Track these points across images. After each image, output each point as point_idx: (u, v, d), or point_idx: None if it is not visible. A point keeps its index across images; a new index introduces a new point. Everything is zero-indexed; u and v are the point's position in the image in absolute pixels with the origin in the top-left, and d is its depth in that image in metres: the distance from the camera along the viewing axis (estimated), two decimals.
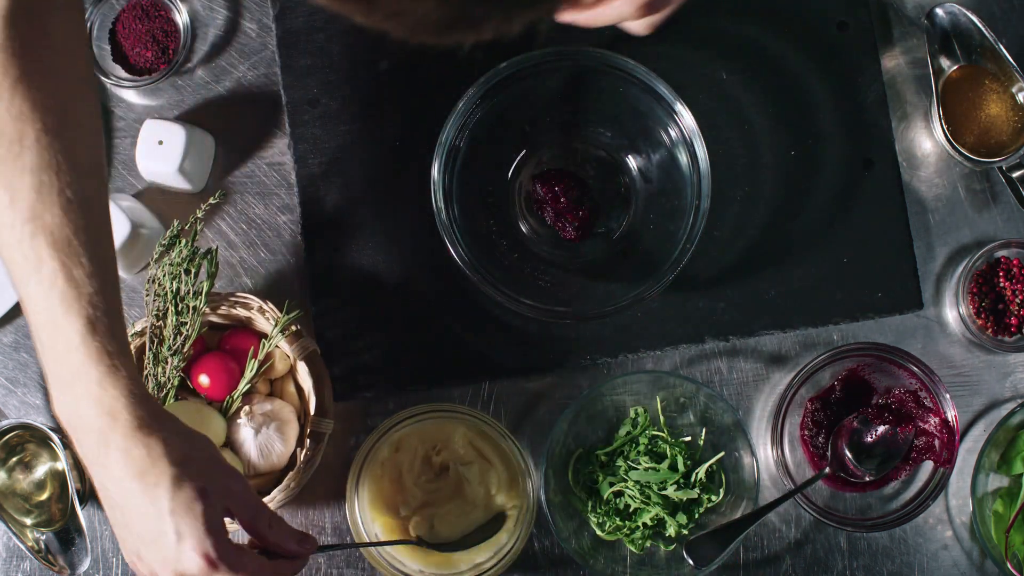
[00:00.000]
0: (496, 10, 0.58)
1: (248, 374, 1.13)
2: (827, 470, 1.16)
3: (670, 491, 1.16)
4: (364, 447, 1.14)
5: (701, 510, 1.17)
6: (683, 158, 1.15)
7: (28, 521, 1.18)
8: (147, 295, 1.14)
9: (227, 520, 0.90)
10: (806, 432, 1.19)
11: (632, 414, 1.19)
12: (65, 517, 1.16)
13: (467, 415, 1.15)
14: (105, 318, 0.87)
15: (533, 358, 1.21)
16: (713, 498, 1.17)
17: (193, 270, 1.13)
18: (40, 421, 1.20)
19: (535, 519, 1.15)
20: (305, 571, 1.19)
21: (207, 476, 0.87)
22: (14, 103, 0.87)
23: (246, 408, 1.14)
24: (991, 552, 1.16)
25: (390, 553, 1.15)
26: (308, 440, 1.12)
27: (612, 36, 1.20)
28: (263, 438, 1.14)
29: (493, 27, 0.59)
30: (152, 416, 0.87)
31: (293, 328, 1.14)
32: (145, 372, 1.14)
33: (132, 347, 1.14)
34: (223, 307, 1.14)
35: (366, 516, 1.15)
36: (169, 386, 1.14)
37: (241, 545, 0.91)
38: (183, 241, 1.14)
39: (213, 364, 1.14)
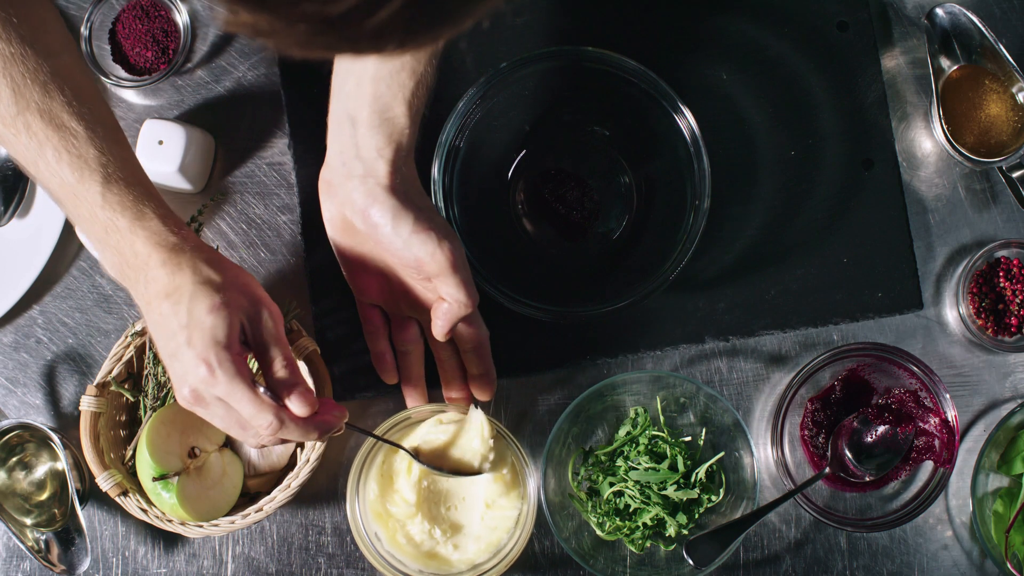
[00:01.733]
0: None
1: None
2: (827, 470, 1.16)
3: (670, 491, 1.16)
4: (362, 451, 1.14)
5: (701, 510, 1.17)
6: (683, 158, 1.15)
7: (28, 521, 1.18)
8: None
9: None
10: (806, 432, 1.19)
11: (632, 414, 1.19)
12: (65, 517, 1.16)
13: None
14: (118, 172, 0.94)
15: (533, 358, 1.21)
16: (713, 498, 1.17)
17: None
18: (40, 421, 1.20)
19: (535, 520, 1.15)
20: (305, 571, 1.20)
21: (228, 294, 0.93)
22: None
23: None
24: (991, 552, 1.16)
25: (391, 554, 1.15)
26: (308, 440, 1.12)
27: (612, 36, 1.20)
28: None
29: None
30: (180, 247, 0.94)
31: (293, 328, 1.13)
32: (145, 372, 1.14)
33: (132, 347, 1.14)
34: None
35: (367, 518, 1.15)
36: (169, 386, 1.14)
37: (248, 369, 0.93)
38: None
39: None
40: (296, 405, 0.95)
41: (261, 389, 0.94)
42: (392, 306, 1.14)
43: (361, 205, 1.03)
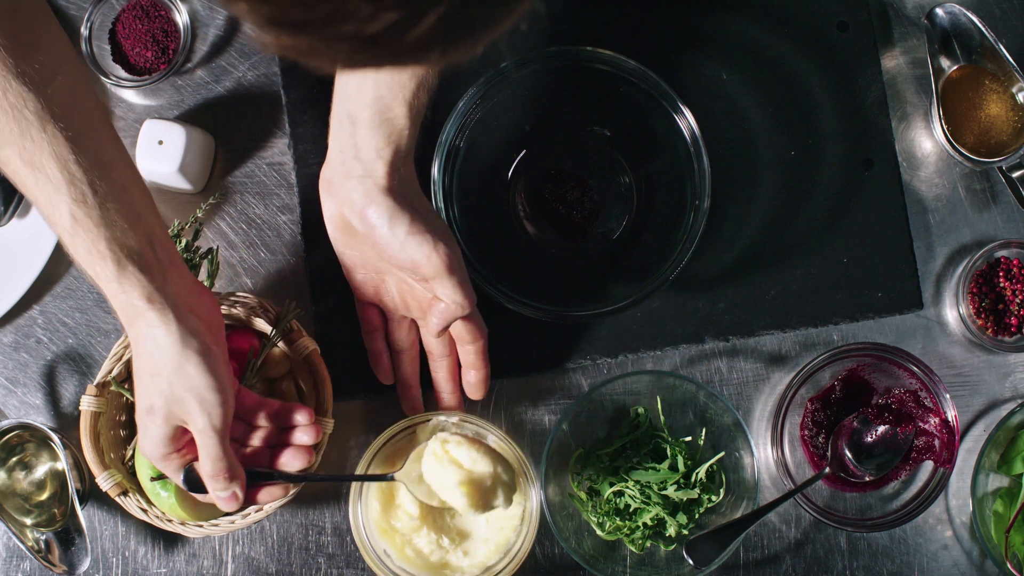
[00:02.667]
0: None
1: (248, 374, 1.13)
2: (827, 470, 1.16)
3: (670, 491, 1.16)
4: (362, 464, 1.14)
5: (701, 510, 1.17)
6: (683, 158, 1.15)
7: (28, 521, 1.17)
8: None
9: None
10: (806, 432, 1.19)
11: (632, 414, 1.19)
12: (65, 517, 1.16)
13: (467, 421, 1.15)
14: (86, 221, 0.92)
15: (533, 358, 1.21)
16: (713, 498, 1.17)
17: (194, 270, 1.13)
18: (40, 421, 1.20)
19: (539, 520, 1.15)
20: (305, 571, 1.20)
21: (161, 401, 0.96)
22: None
23: None
24: (991, 552, 1.16)
25: (402, 569, 1.16)
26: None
27: (612, 36, 1.20)
28: None
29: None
30: (137, 316, 0.95)
31: (293, 328, 1.13)
32: None
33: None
34: (223, 307, 1.14)
35: (374, 536, 1.15)
36: None
37: (178, 459, 1.01)
38: (183, 241, 1.14)
39: None
40: (220, 505, 1.02)
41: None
42: (390, 306, 1.14)
43: (359, 205, 1.03)
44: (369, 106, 1.01)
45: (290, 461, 1.04)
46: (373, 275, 1.12)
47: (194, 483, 1.00)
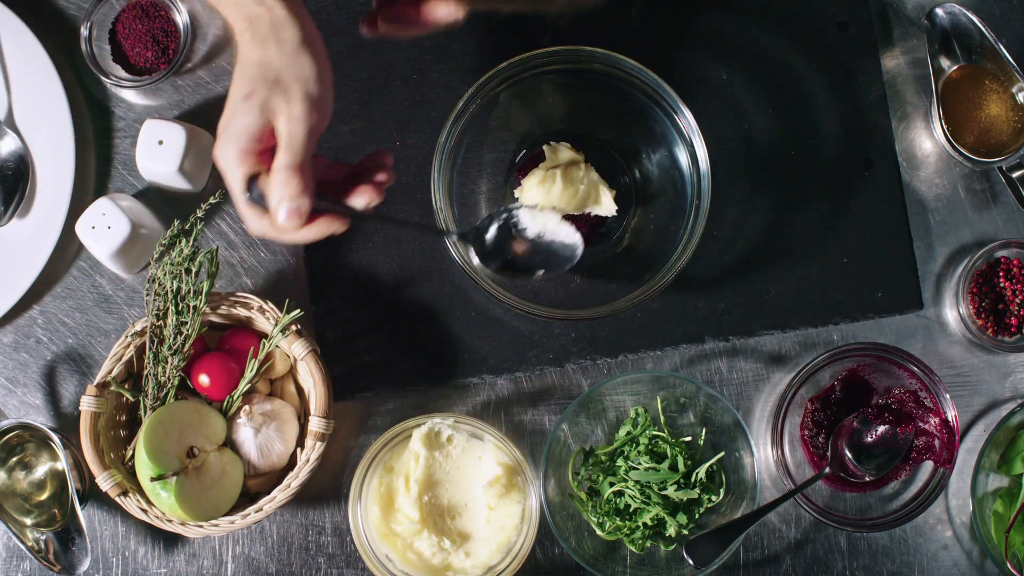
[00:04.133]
0: None
1: (248, 374, 1.13)
2: (827, 470, 1.16)
3: (670, 491, 1.16)
4: (357, 477, 1.14)
5: (701, 510, 1.17)
6: (683, 158, 1.15)
7: (28, 521, 1.18)
8: (147, 295, 1.14)
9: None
10: (806, 432, 1.19)
11: (632, 414, 1.19)
12: (65, 517, 1.16)
13: (463, 423, 1.15)
14: None
15: (533, 358, 1.21)
16: (713, 498, 1.17)
17: (193, 270, 1.13)
18: (40, 421, 1.20)
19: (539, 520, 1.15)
20: (305, 571, 1.20)
21: (272, 88, 0.93)
22: None
23: (246, 408, 1.14)
24: (991, 552, 1.16)
25: (405, 572, 1.16)
26: (308, 440, 1.12)
27: (612, 36, 1.20)
28: (263, 438, 1.14)
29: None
30: (258, 20, 0.93)
31: (293, 328, 1.14)
32: (145, 372, 1.14)
33: (132, 347, 1.14)
34: (223, 307, 1.14)
35: (375, 541, 1.16)
36: (169, 386, 1.14)
37: (251, 168, 0.94)
38: (183, 241, 1.14)
39: (213, 364, 1.14)
40: (279, 217, 0.94)
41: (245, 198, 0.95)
42: None
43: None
44: None
45: (358, 197, 0.98)
46: None
47: (256, 198, 0.94)
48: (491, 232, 1.07)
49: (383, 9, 1.01)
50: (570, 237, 1.06)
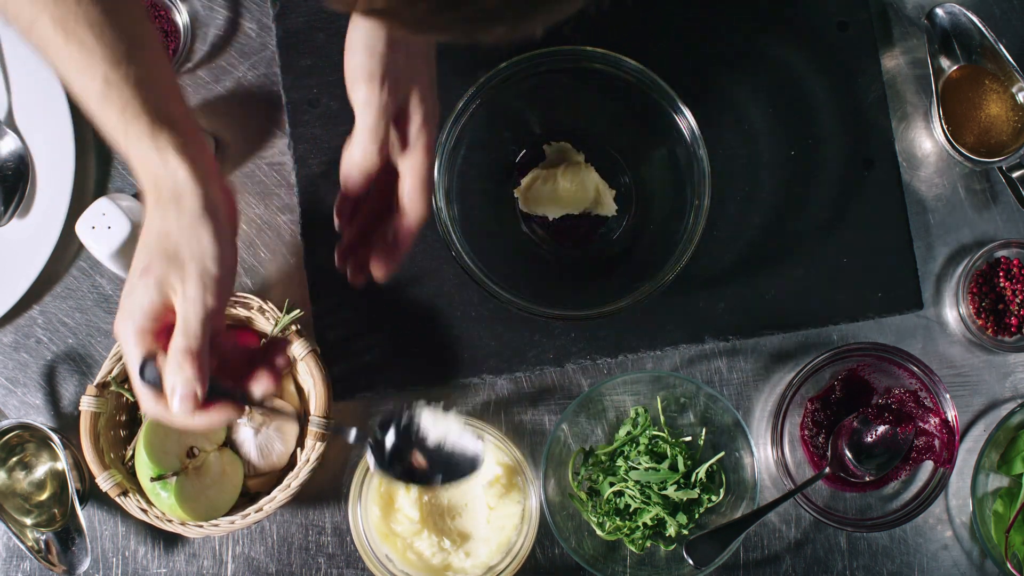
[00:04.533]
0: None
1: None
2: (827, 470, 1.16)
3: (670, 491, 1.16)
4: (357, 477, 1.14)
5: (701, 510, 1.17)
6: (683, 158, 1.15)
7: (28, 521, 1.18)
8: None
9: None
10: (806, 432, 1.19)
11: (632, 414, 1.19)
12: (65, 517, 1.16)
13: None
14: (120, 85, 0.88)
15: (533, 358, 1.21)
16: (713, 498, 1.17)
17: None
18: (40, 421, 1.20)
19: (539, 521, 1.15)
20: (305, 571, 1.20)
21: (163, 266, 0.88)
22: None
23: (246, 408, 1.14)
24: (991, 552, 1.16)
25: (405, 573, 1.16)
26: (308, 440, 1.12)
27: (613, 36, 1.20)
28: (263, 438, 1.14)
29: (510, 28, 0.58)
30: (158, 185, 0.89)
31: (293, 328, 1.13)
32: None
33: None
34: None
35: (375, 541, 1.15)
36: None
37: (146, 347, 0.90)
38: None
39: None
40: (173, 403, 0.89)
41: (139, 380, 0.89)
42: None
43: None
44: None
45: (257, 383, 0.94)
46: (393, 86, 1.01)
47: (151, 380, 0.88)
48: (390, 438, 1.00)
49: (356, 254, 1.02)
50: (472, 446, 0.99)
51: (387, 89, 0.95)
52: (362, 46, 0.94)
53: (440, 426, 1.01)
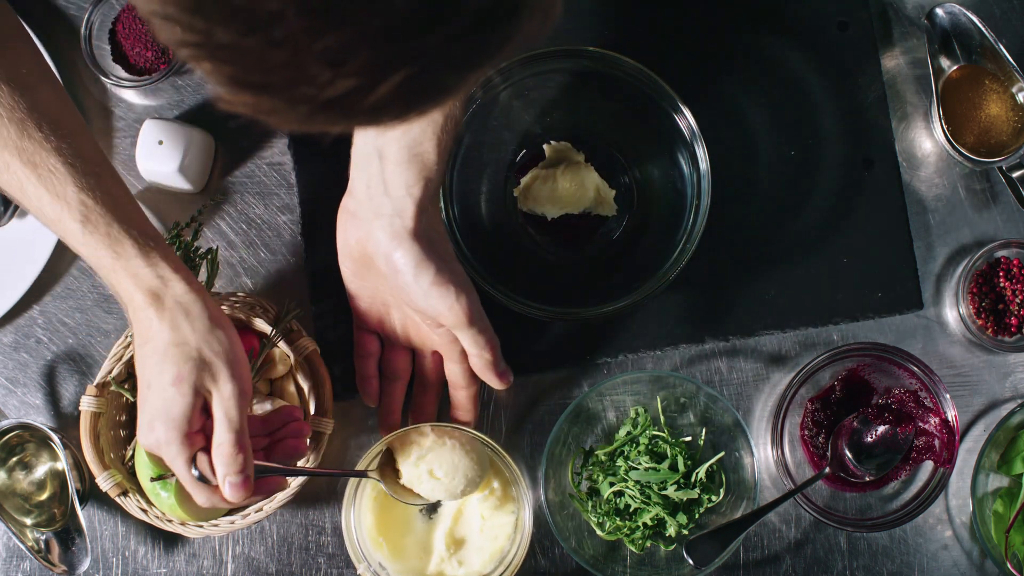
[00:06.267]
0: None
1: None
2: (827, 470, 1.16)
3: (670, 491, 1.16)
4: (350, 488, 1.14)
5: (701, 510, 1.17)
6: (683, 158, 1.15)
7: (28, 521, 1.18)
8: None
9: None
10: (806, 432, 1.19)
11: (632, 414, 1.19)
12: (65, 517, 1.16)
13: (454, 429, 1.15)
14: (98, 209, 0.93)
15: (533, 358, 1.20)
16: (713, 498, 1.17)
17: (193, 270, 1.13)
18: (40, 421, 1.20)
19: (538, 527, 1.15)
20: (305, 571, 1.20)
21: (194, 364, 0.94)
22: None
23: None
24: (991, 552, 1.16)
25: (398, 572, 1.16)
26: (308, 440, 1.12)
27: (612, 36, 1.20)
28: None
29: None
30: (160, 293, 0.94)
31: (293, 328, 1.13)
32: None
33: (132, 347, 1.14)
34: (223, 307, 1.14)
35: (368, 549, 1.15)
36: None
37: (194, 444, 0.96)
38: (183, 241, 1.14)
39: None
40: (227, 492, 0.97)
41: (194, 472, 0.96)
42: (391, 335, 1.15)
43: (385, 247, 1.03)
44: (398, 140, 1.00)
45: (287, 456, 1.03)
46: (379, 306, 1.13)
47: (200, 475, 0.97)
48: None
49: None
50: None
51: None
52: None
53: None
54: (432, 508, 1.19)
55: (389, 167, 1.01)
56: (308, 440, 1.04)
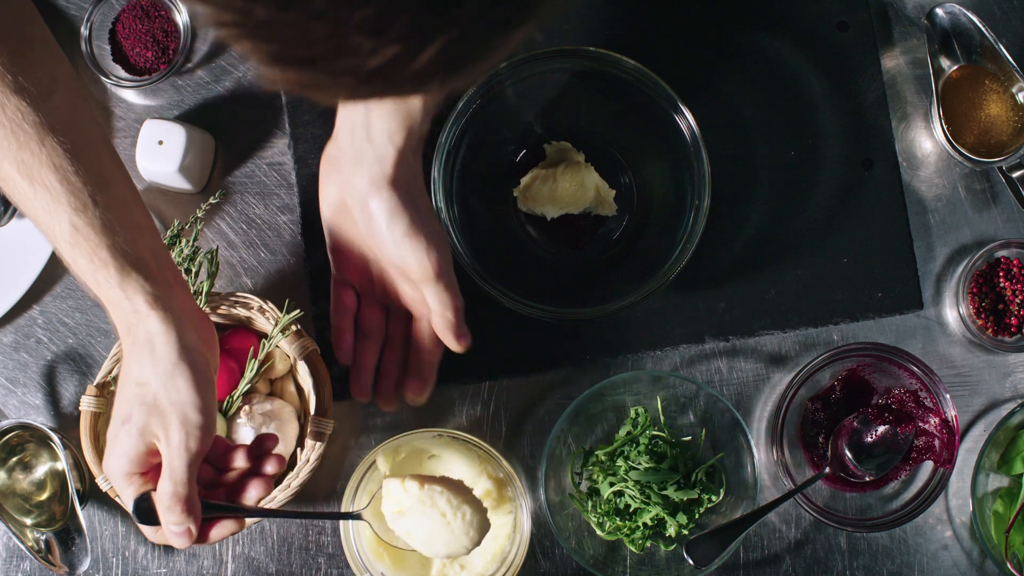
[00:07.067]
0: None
1: (248, 374, 1.13)
2: (827, 470, 1.16)
3: (670, 491, 1.16)
4: (346, 496, 1.14)
5: (701, 510, 1.17)
6: (683, 158, 1.15)
7: (28, 521, 1.18)
8: None
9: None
10: (806, 432, 1.19)
11: (632, 414, 1.19)
12: (65, 517, 1.16)
13: (449, 435, 1.15)
14: (87, 231, 0.91)
15: (533, 358, 1.20)
16: (713, 498, 1.17)
17: (193, 270, 1.13)
18: (40, 421, 1.20)
19: (538, 528, 1.15)
20: (305, 571, 1.20)
21: (148, 410, 0.92)
22: None
23: (246, 408, 1.14)
24: (991, 552, 1.16)
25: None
26: (308, 440, 1.12)
27: (612, 36, 1.20)
28: None
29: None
30: (135, 326, 0.92)
31: (293, 328, 1.14)
32: None
33: None
34: (223, 307, 1.14)
35: (368, 558, 1.15)
36: None
37: (137, 484, 0.94)
38: (183, 241, 1.14)
39: None
40: (169, 538, 0.94)
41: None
42: (367, 289, 1.14)
43: (361, 193, 1.03)
44: None
45: (250, 492, 0.98)
46: (357, 257, 1.12)
47: (146, 514, 0.93)
48: None
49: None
50: None
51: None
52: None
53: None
54: None
55: (374, 114, 1.01)
56: (271, 479, 1.00)
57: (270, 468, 0.98)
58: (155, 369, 0.91)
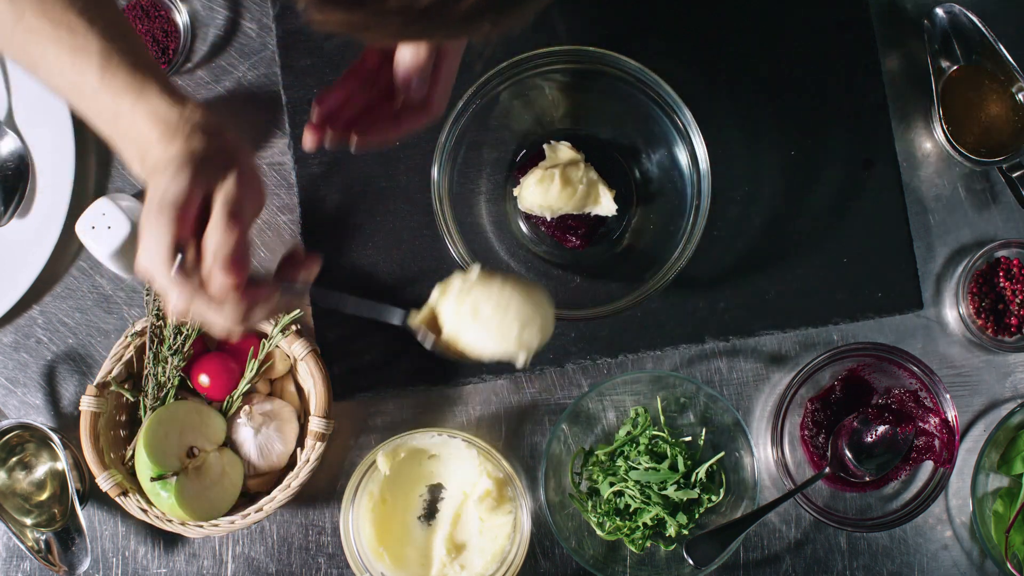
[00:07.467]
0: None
1: (248, 374, 1.13)
2: (827, 470, 1.16)
3: (670, 491, 1.16)
4: (347, 496, 1.14)
5: (701, 510, 1.17)
6: (683, 158, 1.15)
7: (28, 521, 1.18)
8: (147, 295, 1.14)
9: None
10: (806, 432, 1.19)
11: (632, 414, 1.19)
12: (65, 517, 1.16)
13: (449, 435, 1.15)
14: (118, 56, 0.87)
15: (533, 358, 1.20)
16: (713, 498, 1.17)
17: None
18: (40, 421, 1.20)
19: (538, 529, 1.15)
20: (305, 571, 1.20)
21: (203, 163, 0.85)
22: None
23: (246, 408, 1.14)
24: (991, 552, 1.16)
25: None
26: (308, 440, 1.13)
27: (612, 36, 1.20)
28: (263, 438, 1.14)
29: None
30: (177, 123, 0.86)
31: (293, 328, 1.14)
32: (145, 372, 1.14)
33: (132, 347, 1.14)
34: None
35: (368, 559, 1.15)
36: (169, 386, 1.14)
37: (179, 236, 0.84)
38: None
39: (213, 364, 1.14)
40: (214, 281, 0.84)
41: (174, 269, 0.84)
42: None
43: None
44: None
45: (302, 272, 0.93)
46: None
47: (181, 266, 0.83)
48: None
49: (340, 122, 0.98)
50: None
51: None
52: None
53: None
54: (430, 514, 1.19)
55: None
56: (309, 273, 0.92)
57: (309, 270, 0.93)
58: (206, 138, 0.86)
